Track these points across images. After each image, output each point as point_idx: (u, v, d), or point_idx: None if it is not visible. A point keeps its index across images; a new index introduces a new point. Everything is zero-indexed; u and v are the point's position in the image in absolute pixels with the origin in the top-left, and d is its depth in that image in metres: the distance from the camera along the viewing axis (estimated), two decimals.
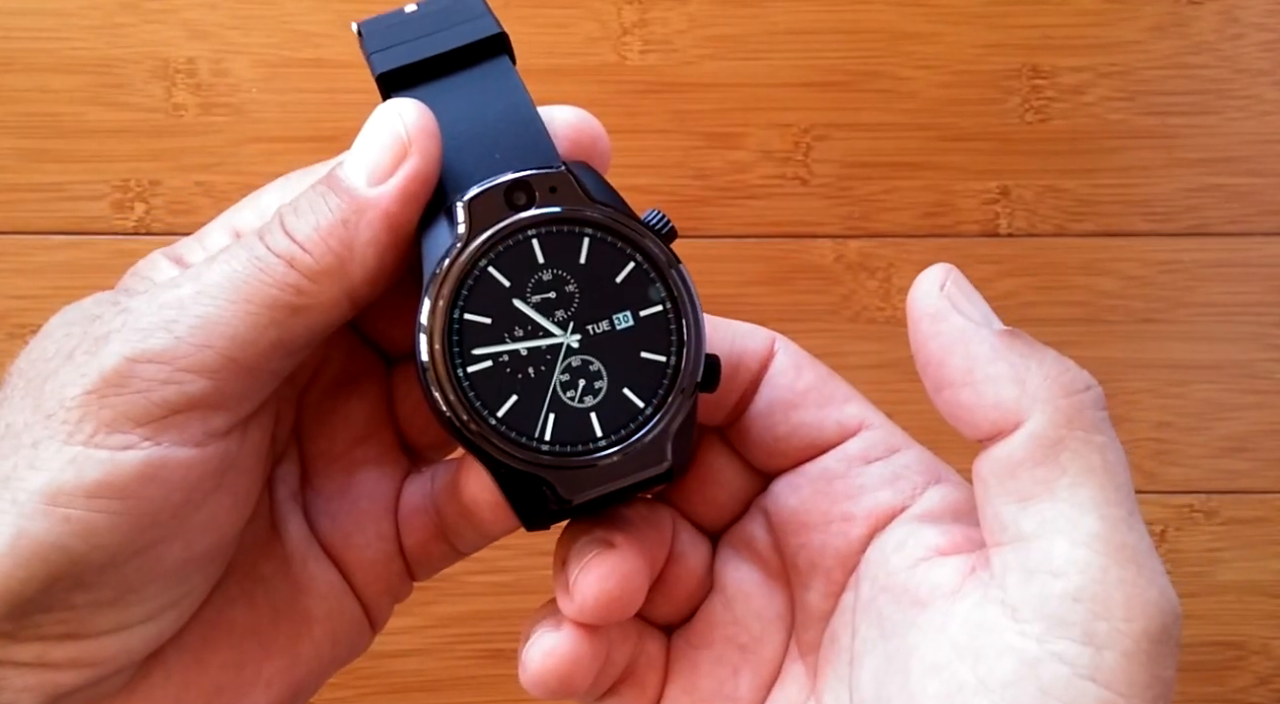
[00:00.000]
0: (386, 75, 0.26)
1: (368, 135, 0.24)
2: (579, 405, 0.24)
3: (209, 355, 0.22)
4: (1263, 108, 0.68)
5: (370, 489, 0.28)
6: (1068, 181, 0.68)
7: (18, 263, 0.65)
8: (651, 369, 0.25)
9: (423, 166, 0.24)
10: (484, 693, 0.66)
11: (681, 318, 0.25)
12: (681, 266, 0.25)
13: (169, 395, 0.22)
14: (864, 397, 0.27)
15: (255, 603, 0.26)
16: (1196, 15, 0.68)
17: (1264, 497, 0.68)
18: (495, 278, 0.24)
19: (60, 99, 0.66)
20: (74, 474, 0.21)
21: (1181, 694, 0.67)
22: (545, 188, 0.24)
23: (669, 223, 0.25)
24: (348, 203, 0.23)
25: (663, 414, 0.24)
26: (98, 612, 0.22)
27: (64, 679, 0.22)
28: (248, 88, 0.66)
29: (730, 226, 0.67)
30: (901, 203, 0.67)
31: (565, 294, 0.24)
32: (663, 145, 0.67)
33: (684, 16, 0.67)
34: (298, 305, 0.23)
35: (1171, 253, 0.68)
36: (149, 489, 0.22)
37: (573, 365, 0.24)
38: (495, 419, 0.24)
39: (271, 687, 0.26)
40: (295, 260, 0.23)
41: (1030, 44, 0.68)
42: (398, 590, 0.28)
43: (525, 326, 0.24)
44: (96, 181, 0.66)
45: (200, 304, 0.22)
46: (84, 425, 0.21)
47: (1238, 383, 0.68)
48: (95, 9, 0.66)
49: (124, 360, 0.22)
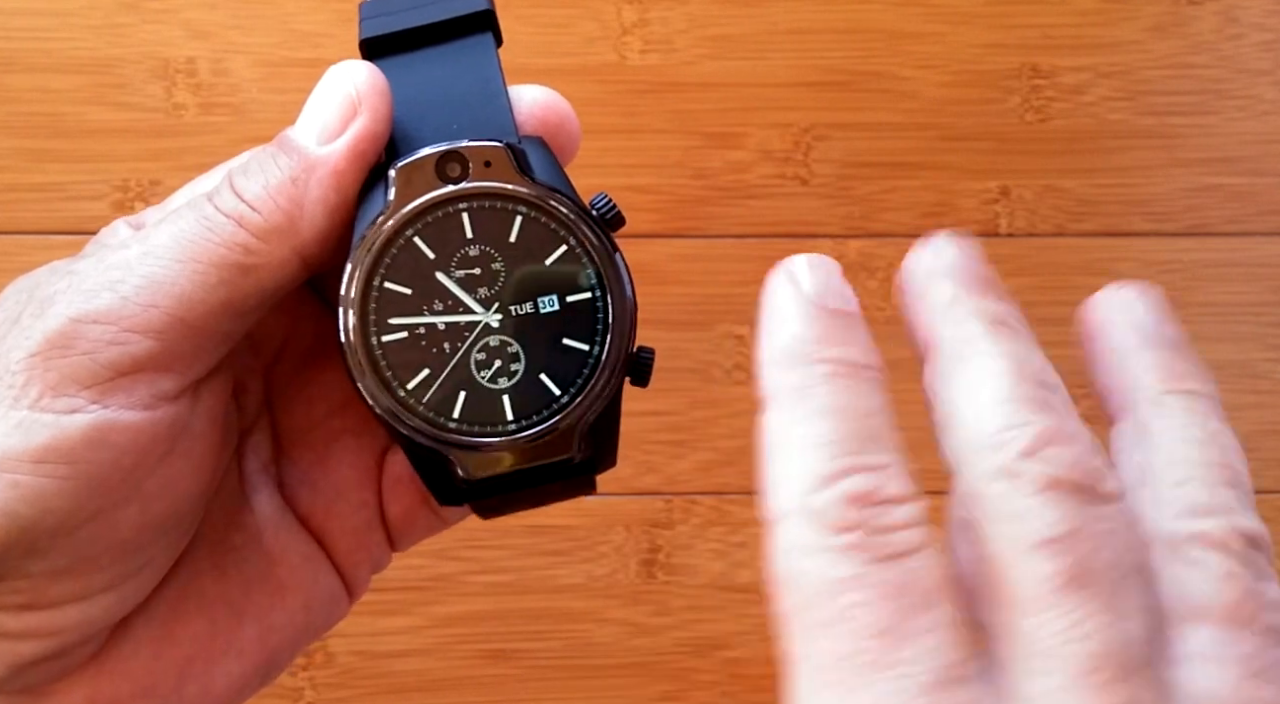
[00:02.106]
0: (370, 41, 0.25)
1: (318, 95, 0.24)
2: (492, 386, 0.24)
3: (155, 314, 0.22)
4: (1263, 108, 0.68)
5: (351, 458, 0.27)
6: (1068, 181, 0.68)
7: (18, 263, 0.65)
8: (573, 356, 0.24)
9: (371, 126, 0.24)
10: (484, 693, 0.66)
11: (609, 308, 0.24)
12: (618, 255, 0.24)
13: (115, 356, 0.22)
14: None
15: (226, 573, 0.26)
16: (1196, 15, 0.68)
17: (1264, 497, 0.68)
18: (420, 248, 0.24)
19: (60, 99, 0.66)
20: (20, 439, 0.21)
21: None
22: (480, 161, 0.24)
23: (615, 208, 0.25)
24: (297, 161, 0.24)
25: (577, 404, 0.24)
26: (55, 580, 0.22)
27: (25, 649, 0.22)
28: (248, 88, 0.66)
29: (730, 226, 0.67)
30: (901, 203, 0.67)
31: (490, 272, 0.24)
32: (662, 145, 0.67)
33: (684, 16, 0.67)
34: (247, 264, 0.23)
35: (1171, 253, 0.68)
36: (97, 453, 0.21)
37: (490, 345, 0.24)
38: (404, 391, 0.24)
39: (244, 656, 0.26)
40: (244, 219, 0.23)
41: (1030, 44, 0.68)
42: (378, 559, 0.28)
43: (445, 301, 0.24)
44: (96, 181, 0.66)
45: (146, 264, 0.22)
46: (29, 389, 0.21)
47: (1238, 383, 0.68)
48: (95, 9, 0.66)
49: (68, 321, 0.21)
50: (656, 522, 0.67)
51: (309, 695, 0.66)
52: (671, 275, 0.67)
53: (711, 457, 0.66)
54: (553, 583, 0.66)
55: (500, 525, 0.29)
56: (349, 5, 0.74)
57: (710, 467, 0.66)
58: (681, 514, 0.66)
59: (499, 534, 0.65)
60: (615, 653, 0.66)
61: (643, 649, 0.66)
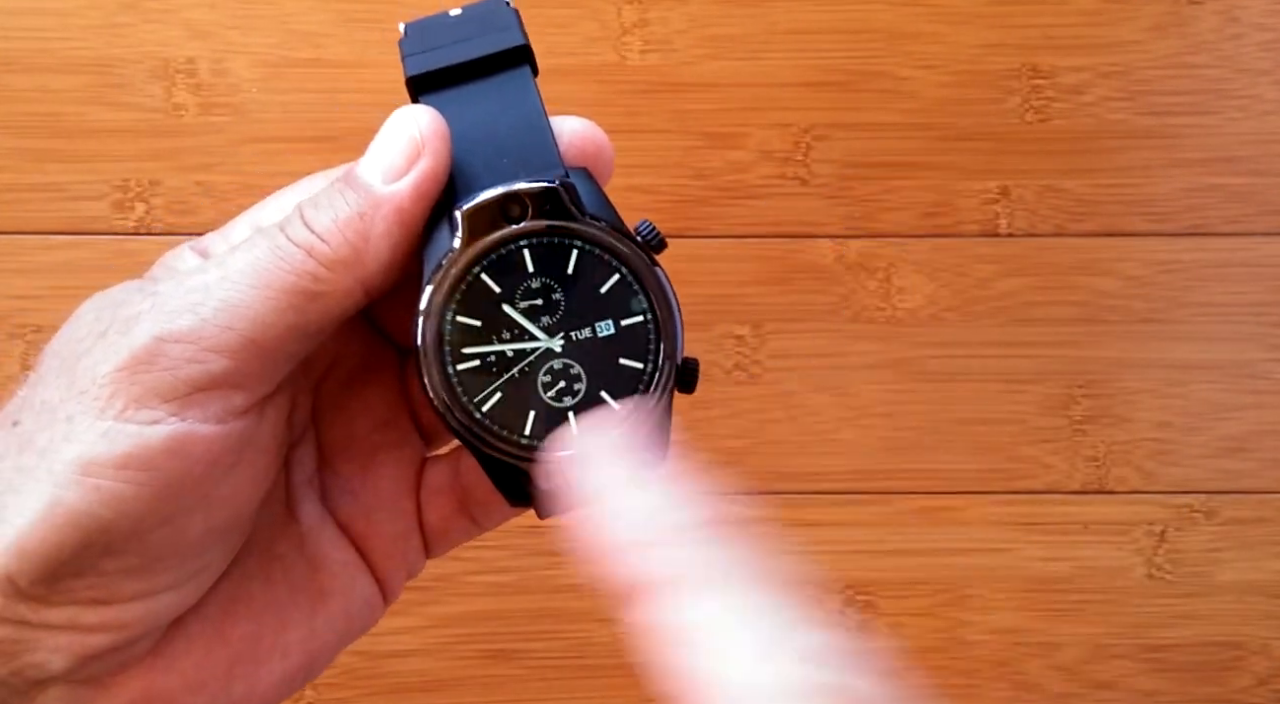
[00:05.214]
0: (416, 78, 0.28)
1: (384, 137, 0.26)
2: (558, 405, 0.26)
3: (231, 336, 0.24)
4: (1263, 108, 0.68)
5: (391, 470, 0.29)
6: (1068, 181, 0.68)
7: (18, 263, 0.65)
8: (628, 374, 0.27)
9: (434, 166, 0.26)
10: (484, 693, 0.66)
11: (660, 329, 0.27)
12: (664, 278, 0.27)
13: (194, 373, 0.23)
14: None
15: (272, 579, 0.28)
16: (1196, 15, 0.68)
17: (1264, 497, 0.68)
18: (487, 284, 0.26)
19: (60, 99, 0.66)
20: (105, 446, 0.23)
21: (1181, 694, 0.67)
22: (539, 201, 0.26)
23: (658, 234, 0.27)
24: (364, 198, 0.25)
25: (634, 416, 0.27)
26: (126, 578, 0.24)
27: (93, 641, 0.24)
28: (248, 88, 0.66)
29: (730, 226, 0.67)
30: (901, 203, 0.67)
31: (552, 302, 0.26)
32: (663, 145, 0.67)
33: (684, 16, 0.67)
34: (315, 292, 0.25)
35: (1171, 253, 0.68)
36: (173, 462, 0.23)
37: (554, 367, 0.26)
38: (480, 413, 0.26)
39: (288, 657, 0.27)
40: (314, 250, 0.25)
41: (1030, 44, 0.68)
42: (413, 564, 0.30)
43: (512, 330, 0.26)
44: (96, 181, 0.66)
45: (224, 288, 0.24)
46: (115, 401, 0.23)
47: (1238, 383, 0.68)
48: (95, 9, 0.66)
49: (153, 339, 0.23)
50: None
51: (310, 695, 0.66)
52: (671, 275, 0.66)
53: (711, 457, 0.66)
54: (553, 583, 0.66)
55: (500, 526, 0.31)
56: (349, 6, 0.74)
57: (711, 466, 0.66)
58: None
59: (499, 534, 0.65)
60: (615, 653, 0.66)
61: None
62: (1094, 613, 0.68)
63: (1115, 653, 0.68)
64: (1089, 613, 0.68)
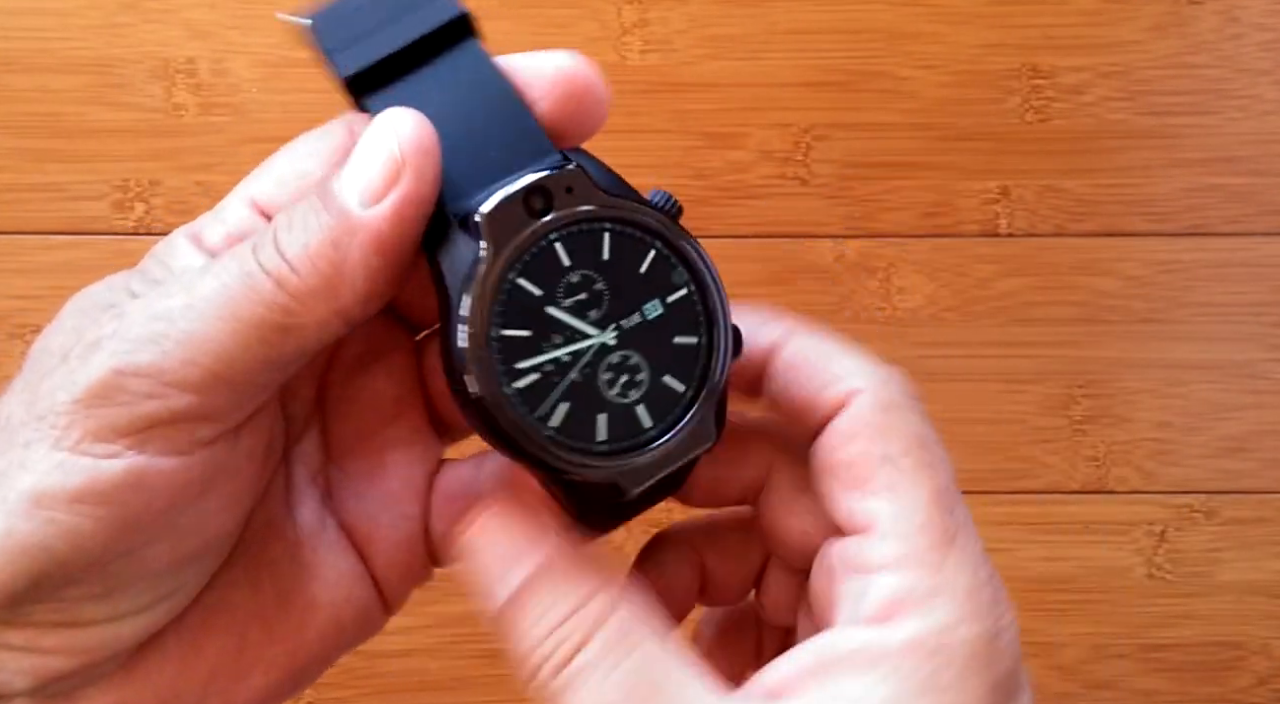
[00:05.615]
0: (353, 78, 0.24)
1: (363, 150, 0.23)
2: (625, 400, 0.24)
3: (195, 371, 0.22)
4: (1263, 108, 0.68)
5: (402, 471, 0.27)
6: (1068, 181, 0.68)
7: (18, 263, 0.65)
8: (686, 352, 0.25)
9: (416, 189, 0.23)
10: (484, 693, 0.66)
11: (705, 296, 0.25)
12: (693, 244, 0.25)
13: (153, 409, 0.22)
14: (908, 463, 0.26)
15: (260, 587, 0.26)
16: (1196, 15, 0.68)
17: (1264, 497, 0.68)
18: (526, 289, 0.23)
19: (60, 99, 0.66)
20: (59, 479, 0.21)
21: (1181, 694, 0.67)
22: (561, 189, 0.23)
23: (674, 201, 0.25)
24: (339, 223, 0.23)
25: (705, 394, 0.25)
26: (88, 604, 0.23)
27: (55, 664, 0.23)
28: (248, 88, 0.66)
29: (730, 226, 0.67)
30: (901, 203, 0.67)
31: (595, 293, 0.24)
32: (663, 145, 0.67)
33: (684, 16, 0.67)
34: (287, 325, 0.23)
35: (1171, 253, 0.68)
36: (132, 496, 0.22)
37: (613, 362, 0.24)
38: (550, 430, 0.23)
39: (271, 671, 0.26)
40: (284, 281, 0.22)
41: (1030, 44, 0.68)
42: (418, 574, 0.28)
43: (563, 332, 0.24)
44: (96, 181, 0.66)
45: (188, 319, 0.22)
46: (70, 432, 0.22)
47: (1238, 383, 0.68)
48: (95, 9, 0.66)
49: (111, 372, 0.22)
50: (657, 521, 0.66)
51: (308, 695, 0.66)
52: None
53: None
54: None
55: None
56: None
57: None
58: (682, 513, 0.66)
59: None
60: None
61: None
62: (1094, 613, 0.68)
63: (1115, 653, 0.68)
64: (1089, 613, 0.68)
